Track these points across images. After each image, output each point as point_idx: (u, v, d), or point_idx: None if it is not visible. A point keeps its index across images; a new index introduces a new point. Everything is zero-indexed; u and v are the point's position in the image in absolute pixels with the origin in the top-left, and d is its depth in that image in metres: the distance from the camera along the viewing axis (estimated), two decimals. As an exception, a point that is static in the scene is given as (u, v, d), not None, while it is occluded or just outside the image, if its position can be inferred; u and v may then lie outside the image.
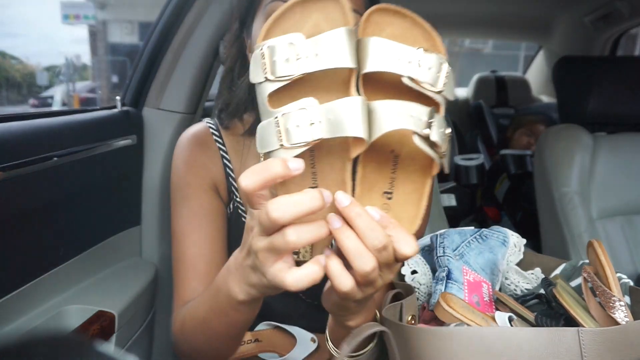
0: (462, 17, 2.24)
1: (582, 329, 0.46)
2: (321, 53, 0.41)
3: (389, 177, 0.46)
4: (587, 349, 0.45)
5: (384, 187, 0.46)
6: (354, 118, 0.40)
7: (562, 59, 1.48)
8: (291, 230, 0.40)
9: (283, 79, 0.41)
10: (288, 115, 0.41)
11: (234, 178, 0.78)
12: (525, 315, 0.57)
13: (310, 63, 0.41)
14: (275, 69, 0.41)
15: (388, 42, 0.42)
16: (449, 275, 0.62)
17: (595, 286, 0.53)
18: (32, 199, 0.79)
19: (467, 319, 0.53)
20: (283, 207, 0.39)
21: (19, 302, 0.77)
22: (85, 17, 14.11)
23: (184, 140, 0.80)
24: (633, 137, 1.38)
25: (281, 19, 0.43)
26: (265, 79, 0.42)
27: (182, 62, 1.10)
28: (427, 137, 0.41)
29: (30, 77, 13.82)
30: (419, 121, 0.41)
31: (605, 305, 0.51)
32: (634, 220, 1.33)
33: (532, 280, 0.66)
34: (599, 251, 0.56)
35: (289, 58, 0.41)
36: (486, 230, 0.70)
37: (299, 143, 0.41)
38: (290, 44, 0.41)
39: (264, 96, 0.42)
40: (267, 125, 0.42)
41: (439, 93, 0.42)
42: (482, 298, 0.61)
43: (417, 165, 0.46)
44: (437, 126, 0.41)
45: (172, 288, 1.18)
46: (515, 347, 0.46)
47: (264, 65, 0.41)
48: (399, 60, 0.42)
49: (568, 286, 0.58)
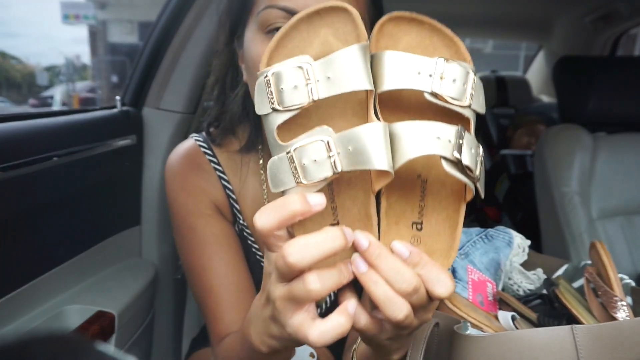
0: (462, 17, 2.23)
1: (576, 326, 0.46)
2: (333, 76, 0.36)
3: (417, 206, 0.41)
4: (582, 346, 0.45)
5: (412, 218, 0.41)
6: (376, 148, 0.35)
7: (562, 59, 1.48)
8: (313, 277, 0.36)
9: (292, 108, 0.37)
10: (302, 149, 0.37)
11: (235, 200, 0.73)
12: (528, 315, 0.57)
13: (322, 88, 0.37)
14: (283, 99, 0.37)
15: (404, 55, 0.37)
16: (453, 274, 0.62)
17: (598, 287, 0.53)
18: (32, 199, 0.79)
19: (471, 318, 0.53)
20: (301, 250, 0.35)
21: (19, 302, 0.77)
22: (85, 17, 14.13)
23: (175, 164, 0.73)
24: (633, 137, 1.38)
25: (285, 38, 0.39)
26: (273, 110, 0.37)
27: (182, 62, 1.10)
28: (458, 161, 0.36)
29: (30, 77, 13.84)
30: (447, 144, 0.36)
31: (607, 305, 0.51)
32: (634, 220, 1.33)
33: (535, 281, 0.66)
34: (601, 252, 0.57)
35: (298, 85, 0.37)
36: (492, 231, 0.70)
37: (318, 179, 0.36)
38: (298, 68, 0.37)
39: (273, 129, 0.38)
40: (280, 161, 0.38)
41: (467, 107, 0.37)
42: (486, 297, 0.62)
43: (448, 190, 0.41)
44: (467, 147, 0.36)
45: (171, 288, 1.18)
46: (514, 347, 0.46)
47: (270, 94, 0.37)
48: (418, 75, 0.37)
49: (570, 287, 0.58)
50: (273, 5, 0.57)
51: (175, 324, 1.22)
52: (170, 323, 1.20)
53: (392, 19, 0.39)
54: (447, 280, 0.38)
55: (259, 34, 0.60)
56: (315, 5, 0.38)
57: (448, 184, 0.40)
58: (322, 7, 0.37)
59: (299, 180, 0.37)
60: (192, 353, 0.94)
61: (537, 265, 0.69)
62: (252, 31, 0.62)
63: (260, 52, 0.59)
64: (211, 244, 0.70)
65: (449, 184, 0.40)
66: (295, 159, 0.37)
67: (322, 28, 0.38)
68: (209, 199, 0.72)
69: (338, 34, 0.38)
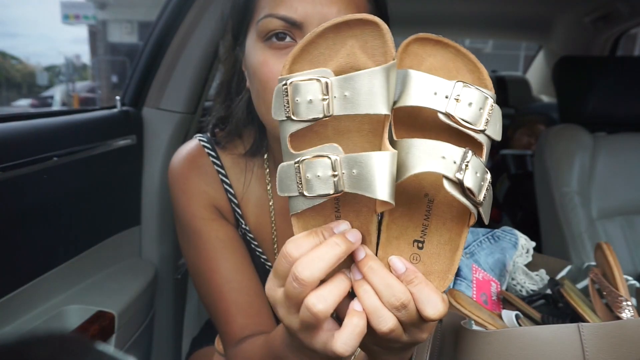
0: (462, 17, 2.23)
1: (583, 324, 0.46)
2: (351, 95, 0.36)
3: (420, 224, 0.41)
4: (587, 343, 0.45)
5: (414, 235, 0.41)
6: (380, 178, 0.35)
7: (562, 59, 1.48)
8: (313, 300, 0.37)
9: (306, 120, 0.37)
10: (309, 163, 0.37)
11: (237, 204, 0.73)
12: (531, 314, 0.57)
13: (338, 105, 0.36)
14: (298, 111, 0.37)
15: (423, 75, 0.38)
16: (457, 272, 0.62)
17: (603, 287, 0.54)
18: (32, 199, 0.79)
19: (474, 316, 0.53)
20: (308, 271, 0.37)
21: (19, 302, 0.77)
22: (85, 17, 14.13)
23: (177, 165, 0.73)
24: (633, 137, 1.38)
25: (310, 45, 0.38)
26: (287, 118, 0.38)
27: (182, 62, 1.10)
28: (459, 182, 0.36)
29: (30, 77, 13.85)
30: (451, 164, 0.36)
31: (612, 305, 0.52)
32: (634, 220, 1.33)
33: (538, 282, 0.66)
34: (607, 253, 0.57)
35: (313, 99, 0.36)
36: (498, 231, 0.70)
37: (319, 194, 0.37)
38: (316, 81, 0.36)
39: (286, 135, 0.38)
40: (288, 169, 0.39)
41: (481, 132, 0.37)
42: (490, 297, 0.62)
43: (455, 213, 0.40)
44: (472, 170, 0.36)
45: (171, 288, 1.18)
46: (521, 345, 0.47)
47: (286, 102, 0.37)
48: (435, 95, 0.37)
49: (575, 287, 0.58)
50: (273, 14, 0.58)
51: (175, 324, 1.22)
52: (170, 323, 1.20)
53: (418, 40, 0.39)
54: (438, 302, 0.38)
55: (258, 42, 0.60)
56: (345, 16, 0.37)
57: (455, 207, 0.40)
58: (352, 18, 0.37)
59: (302, 191, 0.38)
60: (193, 352, 0.94)
61: (539, 266, 0.69)
62: (252, 39, 0.62)
63: (261, 59, 0.59)
64: (217, 248, 0.70)
65: (455, 207, 0.40)
66: (301, 171, 0.38)
67: (349, 39, 0.38)
68: (211, 202, 0.72)
69: (366, 47, 0.38)
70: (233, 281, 0.69)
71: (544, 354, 0.46)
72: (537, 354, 0.46)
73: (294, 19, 0.57)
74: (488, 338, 0.48)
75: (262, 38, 0.59)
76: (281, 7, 0.57)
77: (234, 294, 0.68)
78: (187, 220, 0.71)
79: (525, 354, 0.46)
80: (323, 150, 0.38)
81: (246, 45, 0.64)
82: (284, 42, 0.58)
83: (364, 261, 0.39)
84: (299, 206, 0.39)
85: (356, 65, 0.38)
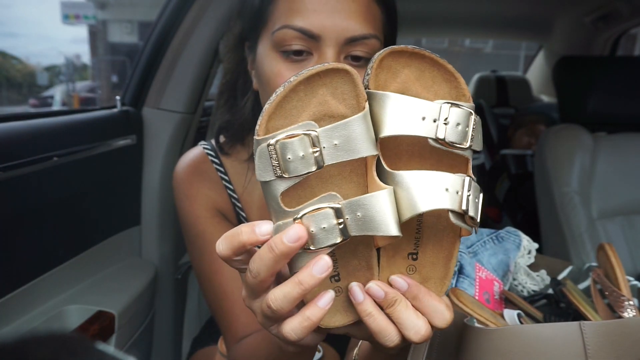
0: (462, 17, 2.23)
1: (584, 322, 0.46)
2: (342, 143, 0.36)
3: (413, 238, 0.42)
4: (589, 341, 0.46)
5: (408, 249, 0.42)
6: (386, 216, 0.36)
7: (562, 59, 1.48)
8: (288, 328, 0.38)
9: (299, 175, 0.36)
10: (310, 217, 0.36)
11: (240, 207, 0.74)
12: (533, 314, 0.57)
13: (329, 155, 0.36)
14: (292, 169, 0.36)
15: (409, 100, 0.37)
16: (461, 270, 0.62)
17: (605, 287, 0.54)
18: (32, 199, 0.79)
19: (477, 314, 0.53)
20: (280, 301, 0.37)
21: (19, 302, 0.77)
22: (85, 17, 14.14)
23: (181, 171, 0.74)
24: (633, 137, 1.38)
25: (284, 101, 0.37)
26: (277, 177, 0.36)
27: (182, 62, 1.10)
28: (464, 213, 0.37)
29: (30, 77, 13.85)
30: (455, 196, 0.36)
31: (615, 305, 0.52)
32: (634, 220, 1.33)
33: (539, 282, 0.66)
34: (610, 254, 0.57)
35: (305, 155, 0.36)
36: (502, 232, 0.70)
37: (327, 245, 0.36)
38: (305, 136, 0.36)
39: (276, 195, 0.37)
40: (285, 227, 0.37)
41: (467, 148, 0.38)
42: (493, 296, 0.62)
43: (444, 222, 0.41)
44: (473, 198, 0.37)
45: (171, 288, 1.18)
46: (523, 343, 0.47)
47: (275, 162, 0.36)
48: (423, 120, 0.37)
49: (576, 287, 0.58)
50: (289, 25, 0.57)
51: (175, 324, 1.22)
52: (170, 323, 1.20)
53: (392, 53, 0.39)
54: (445, 312, 0.40)
55: (273, 52, 0.60)
56: (315, 67, 0.37)
57: (443, 217, 0.41)
58: (323, 69, 0.37)
59: (308, 247, 0.37)
60: (194, 352, 0.94)
61: (540, 267, 0.69)
62: (266, 47, 0.61)
63: (275, 70, 0.59)
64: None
65: (444, 217, 0.41)
66: (304, 227, 0.36)
67: (320, 88, 0.37)
68: (214, 205, 0.73)
69: (336, 93, 0.38)
70: (237, 281, 0.69)
71: (546, 351, 0.46)
72: (539, 351, 0.46)
73: (312, 31, 0.56)
74: (490, 335, 0.48)
75: (278, 48, 0.59)
76: (298, 18, 0.57)
77: (238, 294, 0.69)
78: (191, 222, 0.72)
79: (527, 351, 0.46)
80: (322, 201, 0.37)
81: (258, 51, 0.63)
82: (300, 57, 0.59)
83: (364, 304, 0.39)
84: (303, 263, 0.38)
85: (329, 112, 0.37)
